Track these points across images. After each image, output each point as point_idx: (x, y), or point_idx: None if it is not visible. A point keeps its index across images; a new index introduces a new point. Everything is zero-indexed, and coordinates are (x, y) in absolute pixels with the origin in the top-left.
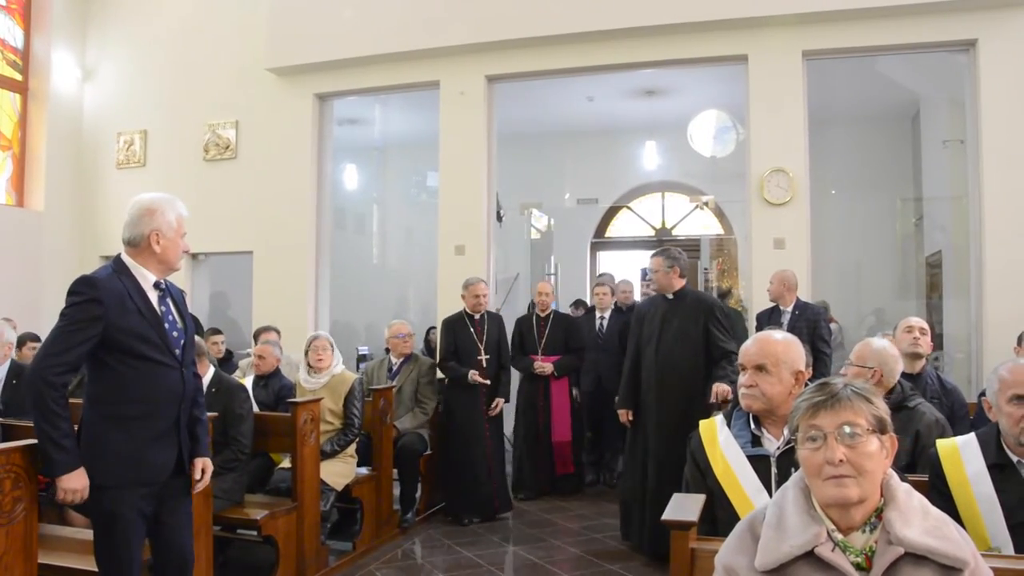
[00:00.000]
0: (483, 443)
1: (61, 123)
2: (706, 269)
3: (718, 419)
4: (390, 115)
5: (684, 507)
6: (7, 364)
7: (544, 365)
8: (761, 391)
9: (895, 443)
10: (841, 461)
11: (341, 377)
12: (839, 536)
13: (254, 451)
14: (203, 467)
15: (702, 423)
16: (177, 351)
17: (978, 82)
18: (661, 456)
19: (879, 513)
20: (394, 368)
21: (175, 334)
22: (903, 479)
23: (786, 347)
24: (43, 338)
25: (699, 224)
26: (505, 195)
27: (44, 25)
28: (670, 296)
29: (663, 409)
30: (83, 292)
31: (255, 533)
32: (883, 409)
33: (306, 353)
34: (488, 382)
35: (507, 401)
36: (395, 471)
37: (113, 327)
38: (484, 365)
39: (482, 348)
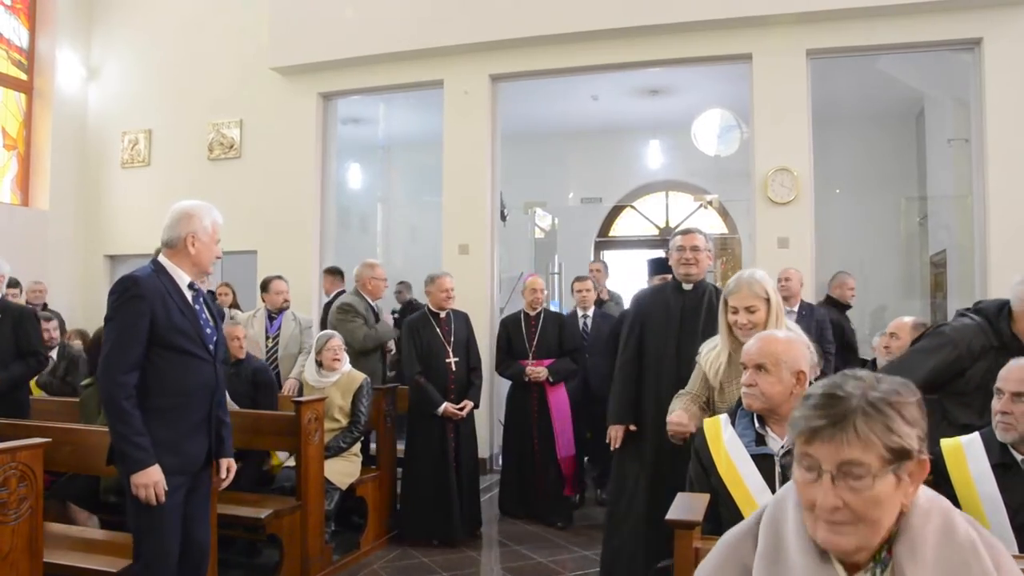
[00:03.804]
0: (446, 461)
1: (66, 122)
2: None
3: (722, 417)
4: (394, 114)
5: (688, 506)
6: None
7: (537, 369)
8: (761, 391)
9: (926, 467)
10: (837, 508)
11: (350, 376)
12: None
13: (255, 449)
14: (228, 467)
15: (706, 421)
16: (211, 346)
17: (983, 81)
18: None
19: (891, 546)
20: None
21: (208, 331)
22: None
23: (787, 346)
24: (22, 283)
25: (703, 223)
26: (509, 194)
27: (49, 24)
28: (687, 287)
29: None
30: (128, 290)
31: (259, 532)
32: (906, 433)
33: (318, 352)
34: (463, 415)
35: (477, 406)
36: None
37: (156, 323)
38: (453, 368)
39: (450, 350)
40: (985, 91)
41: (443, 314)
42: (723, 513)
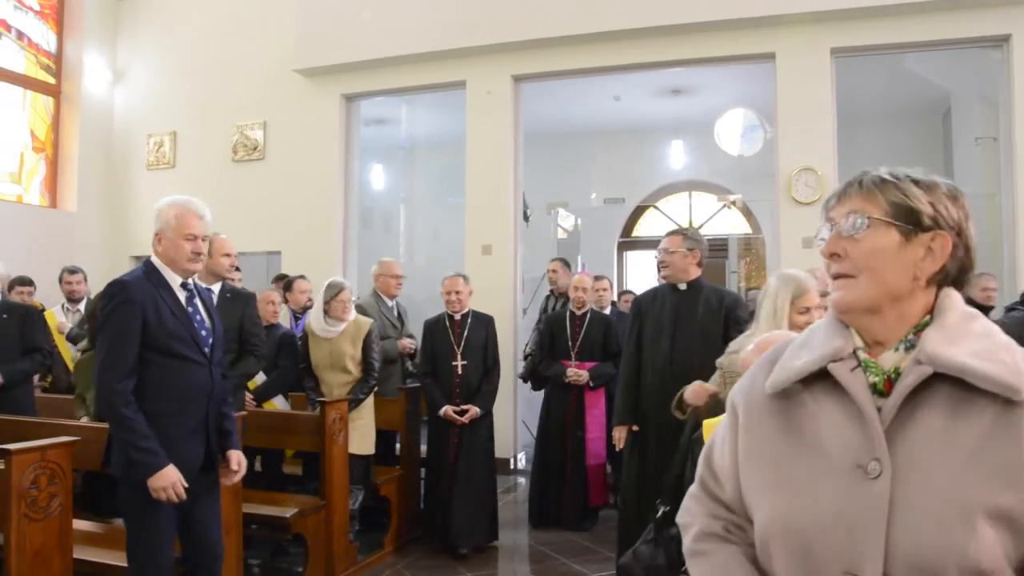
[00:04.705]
0: (441, 466)
1: (92, 125)
2: (734, 271)
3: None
4: (417, 115)
5: None
6: None
7: (579, 372)
8: None
9: (947, 244)
10: (835, 255)
11: (357, 323)
12: (864, 355)
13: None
14: (238, 460)
15: (706, 423)
16: (206, 349)
17: (1011, 78)
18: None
19: (921, 331)
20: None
21: (203, 332)
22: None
23: None
24: (35, 282)
25: (726, 224)
26: (532, 195)
27: (76, 29)
28: (682, 287)
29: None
30: (116, 295)
31: (284, 531)
32: (916, 195)
33: (327, 302)
34: (465, 421)
35: (485, 412)
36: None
37: (148, 326)
38: (459, 371)
39: (458, 352)
40: (1013, 88)
41: (457, 316)
42: None
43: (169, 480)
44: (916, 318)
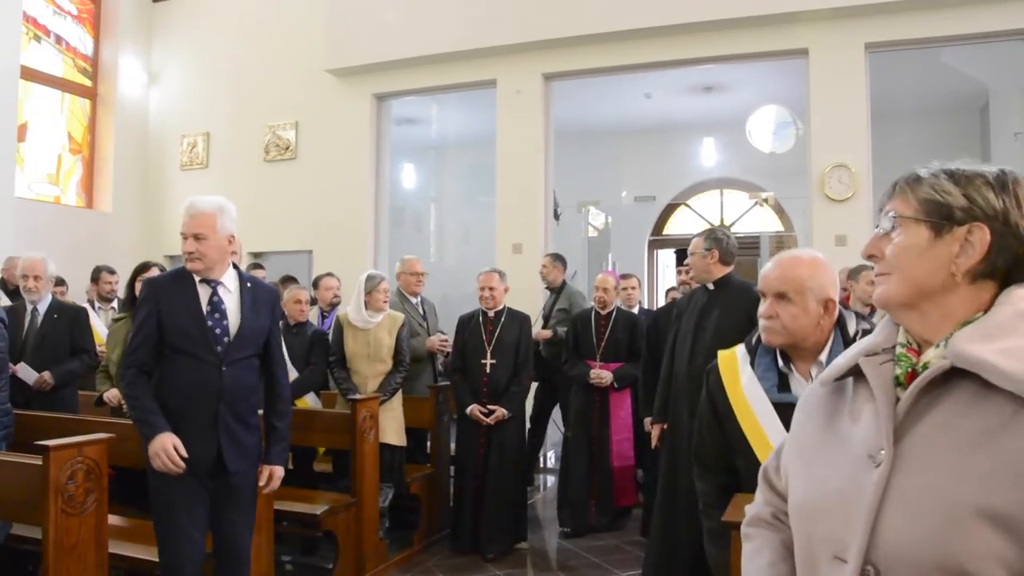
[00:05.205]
0: (466, 465)
1: (127, 127)
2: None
3: (740, 353)
4: (447, 115)
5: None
6: (48, 300)
7: (601, 373)
8: (782, 324)
9: (984, 235)
10: (873, 256)
11: (391, 315)
12: (901, 350)
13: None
14: (270, 473)
15: (721, 355)
16: (219, 348)
17: None
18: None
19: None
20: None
21: (218, 331)
22: None
23: (813, 270)
24: (67, 282)
25: (758, 221)
26: (562, 193)
27: (112, 32)
28: (710, 287)
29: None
30: (141, 292)
31: (315, 528)
32: (947, 190)
33: (368, 293)
34: (491, 422)
35: (512, 414)
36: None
37: (162, 323)
38: (488, 370)
39: (489, 351)
40: None
41: (491, 313)
42: (741, 464)
43: (160, 445)
44: (964, 315)
